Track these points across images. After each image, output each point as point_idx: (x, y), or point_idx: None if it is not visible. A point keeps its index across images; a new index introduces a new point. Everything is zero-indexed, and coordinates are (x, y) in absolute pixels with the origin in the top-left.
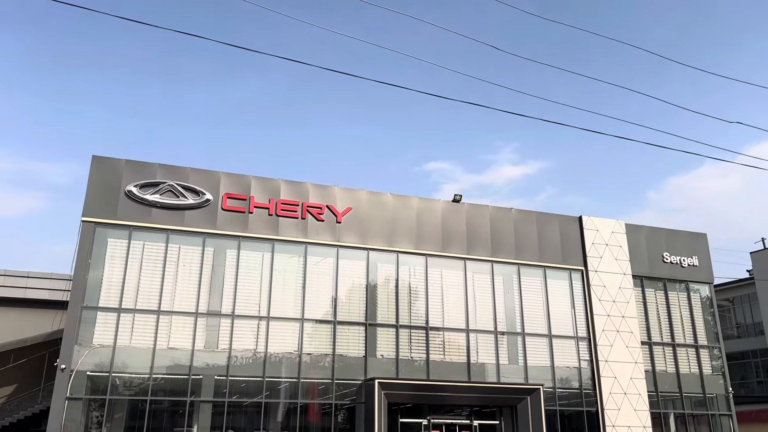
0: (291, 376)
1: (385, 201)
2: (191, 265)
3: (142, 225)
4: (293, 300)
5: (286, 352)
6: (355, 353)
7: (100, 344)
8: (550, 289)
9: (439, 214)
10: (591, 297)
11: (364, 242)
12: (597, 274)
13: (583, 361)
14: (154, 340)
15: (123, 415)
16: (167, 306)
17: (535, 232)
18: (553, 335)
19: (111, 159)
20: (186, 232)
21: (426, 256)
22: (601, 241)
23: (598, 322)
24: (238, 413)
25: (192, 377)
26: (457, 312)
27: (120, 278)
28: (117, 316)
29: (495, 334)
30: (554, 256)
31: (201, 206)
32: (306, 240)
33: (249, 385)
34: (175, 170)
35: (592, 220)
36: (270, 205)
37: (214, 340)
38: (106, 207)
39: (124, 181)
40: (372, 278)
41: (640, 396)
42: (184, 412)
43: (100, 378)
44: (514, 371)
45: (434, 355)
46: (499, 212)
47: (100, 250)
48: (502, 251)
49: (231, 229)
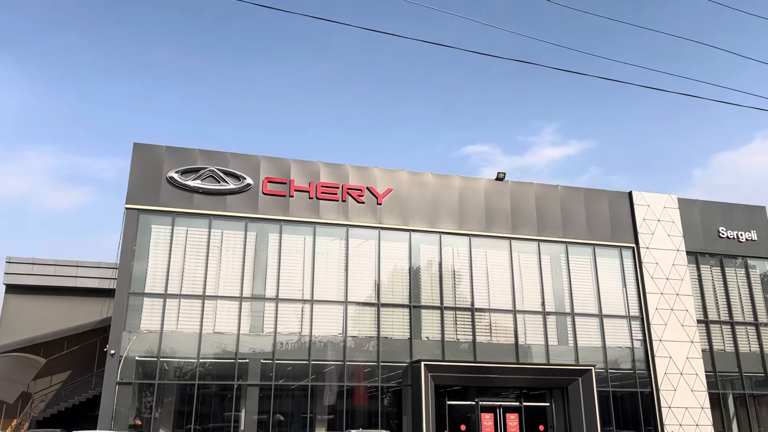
0: (336, 360)
1: (426, 181)
2: (234, 249)
3: (184, 211)
4: (336, 283)
5: (331, 335)
6: (400, 336)
7: (148, 330)
8: (600, 268)
9: (482, 193)
10: (643, 275)
11: (406, 223)
12: (649, 251)
13: (635, 340)
14: (200, 325)
15: (172, 399)
16: (212, 291)
17: (582, 209)
18: (604, 315)
19: (152, 146)
20: (228, 217)
21: (469, 236)
22: (652, 217)
23: (651, 300)
24: (285, 397)
25: (238, 361)
26: (503, 293)
27: (165, 264)
28: (163, 302)
29: (543, 314)
30: (603, 233)
31: (242, 191)
32: (347, 222)
33: (295, 369)
34: (215, 155)
35: (642, 195)
36: (310, 188)
37: (259, 324)
38: (149, 194)
39: (166, 167)
40: (414, 260)
41: (697, 376)
42: (231, 396)
43: (149, 363)
44: (563, 352)
45: (481, 337)
46: (545, 189)
47: (145, 236)
48: (548, 230)
49: (272, 213)
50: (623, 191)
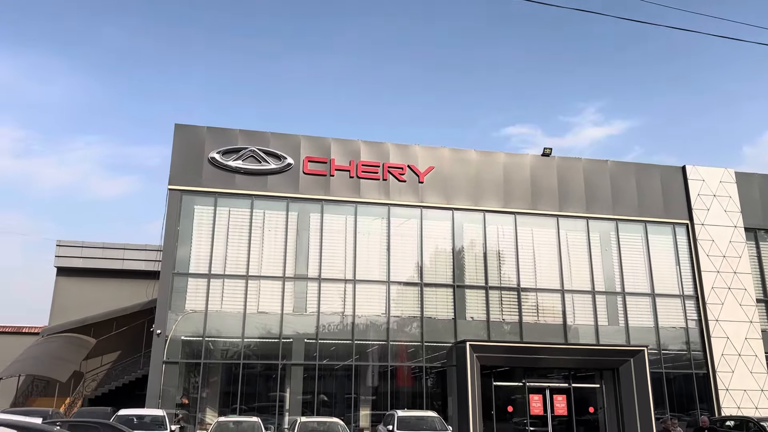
0: (380, 339)
1: (469, 158)
2: (276, 229)
3: (226, 191)
4: (378, 262)
5: (374, 315)
6: (444, 315)
7: (193, 310)
8: (652, 245)
9: (528, 169)
10: (698, 252)
11: (449, 202)
12: (704, 228)
13: (690, 320)
14: (243, 305)
15: (218, 379)
16: (255, 271)
17: (633, 185)
18: (657, 294)
19: (193, 127)
20: (269, 197)
21: (515, 214)
22: (708, 192)
23: (707, 279)
24: (329, 377)
25: (282, 341)
26: (550, 272)
27: (208, 244)
28: (207, 282)
29: (593, 294)
30: (656, 209)
31: (283, 171)
32: (388, 201)
33: (338, 349)
34: (255, 135)
35: (697, 169)
36: (351, 167)
37: (302, 303)
38: (191, 174)
39: (207, 148)
40: (458, 239)
41: (756, 357)
42: (276, 376)
43: (194, 343)
44: (613, 333)
45: (527, 317)
46: (594, 165)
47: (188, 217)
48: (597, 206)
49: (313, 193)
50: (677, 165)
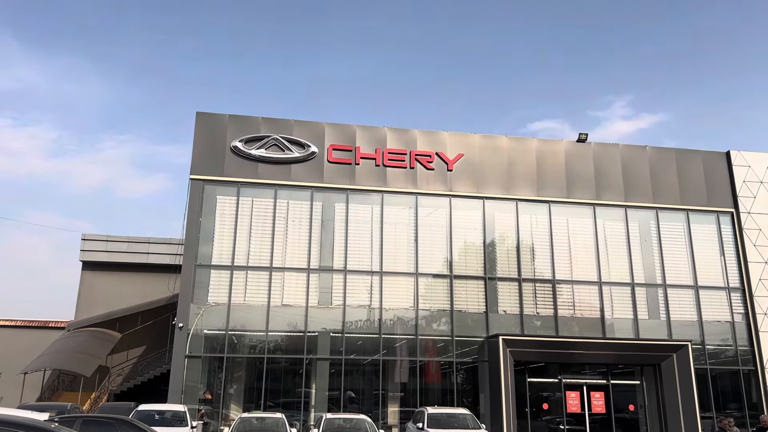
0: (408, 333)
1: (500, 145)
2: (300, 219)
3: (249, 181)
4: (406, 254)
5: (401, 309)
6: (475, 309)
7: (215, 302)
8: (695, 235)
9: (562, 156)
10: (744, 242)
11: (479, 190)
12: (750, 216)
13: (736, 314)
14: (267, 297)
15: (242, 373)
16: (279, 262)
17: (674, 172)
18: (700, 286)
19: (215, 115)
20: (293, 186)
21: (549, 203)
22: (754, 179)
23: (754, 270)
24: (356, 373)
25: (307, 335)
26: (587, 263)
27: (230, 235)
28: (230, 274)
29: (632, 286)
30: (698, 197)
31: (307, 159)
32: (416, 190)
33: (365, 343)
34: (278, 123)
35: (742, 155)
36: (377, 155)
37: (327, 296)
38: (213, 164)
39: (229, 136)
40: (489, 229)
41: None
42: (301, 371)
43: (218, 336)
44: (654, 327)
45: (562, 311)
46: (632, 151)
47: (210, 207)
48: (636, 195)
49: (338, 182)
50: (720, 151)
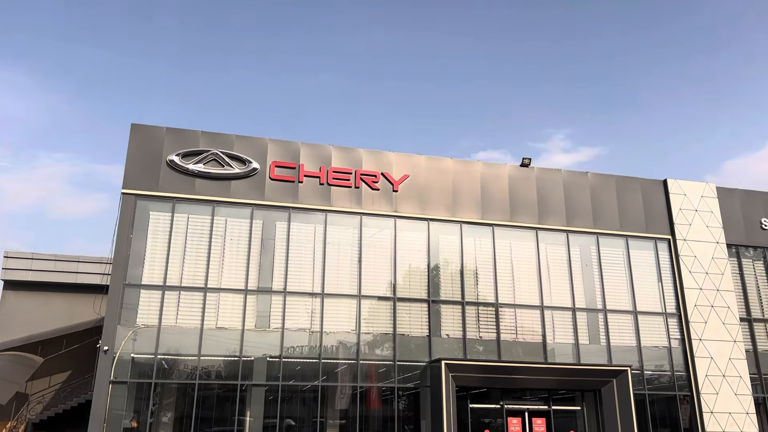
0: (349, 358)
1: (446, 167)
2: (239, 238)
3: (185, 197)
4: (349, 276)
5: (343, 332)
6: (418, 333)
7: (145, 324)
8: (634, 261)
9: (506, 180)
10: (680, 269)
11: (424, 212)
12: (686, 243)
13: (673, 340)
14: (201, 320)
15: (172, 400)
16: (214, 283)
17: (614, 198)
18: (639, 312)
19: (151, 127)
20: (232, 203)
21: (492, 226)
22: (689, 207)
23: (690, 296)
24: (293, 400)
25: (243, 359)
26: (529, 287)
27: (164, 254)
28: (161, 294)
29: (573, 311)
30: (637, 224)
31: (248, 176)
32: (360, 210)
33: (304, 368)
34: (218, 137)
35: (678, 183)
36: (321, 174)
37: (265, 319)
38: (147, 178)
39: (166, 150)
40: (434, 251)
41: (741, 379)
42: (235, 397)
43: (146, 361)
44: (595, 352)
45: (505, 335)
46: (574, 177)
47: (142, 224)
48: (577, 220)
49: (280, 200)
50: (658, 179)
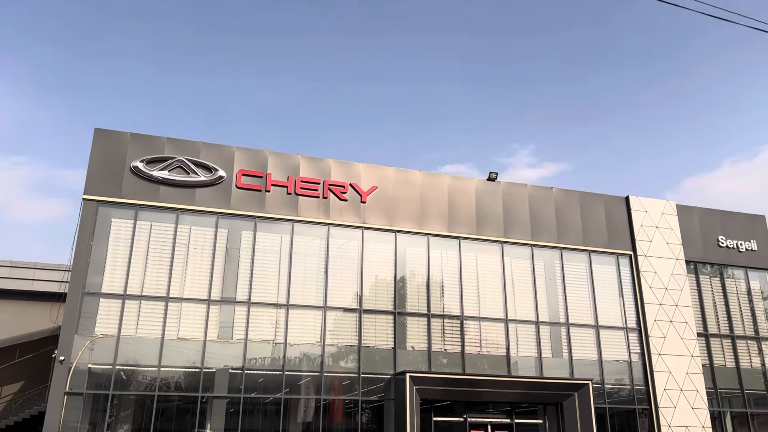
0: (313, 370)
1: (414, 179)
2: (203, 247)
3: (149, 204)
4: (315, 287)
5: (308, 344)
6: (383, 345)
7: (103, 334)
8: (596, 275)
9: (473, 193)
10: (641, 284)
11: (392, 224)
12: (647, 259)
13: (633, 354)
14: (162, 330)
15: (130, 412)
16: (177, 292)
17: (578, 214)
18: (601, 326)
19: (115, 132)
20: (197, 211)
21: (459, 239)
22: (650, 224)
23: (650, 311)
24: (255, 412)
25: (204, 370)
26: (494, 300)
27: (125, 262)
28: (122, 303)
29: (536, 324)
30: (600, 239)
31: (213, 184)
32: (328, 221)
33: (267, 380)
34: (184, 144)
35: (640, 200)
36: (288, 183)
37: (228, 330)
38: (110, 184)
39: (130, 156)
40: (401, 263)
41: (697, 393)
42: (195, 410)
43: (103, 371)
44: (557, 365)
45: (470, 348)
46: (539, 192)
47: (103, 231)
48: (542, 234)
49: (246, 209)
50: (620, 196)
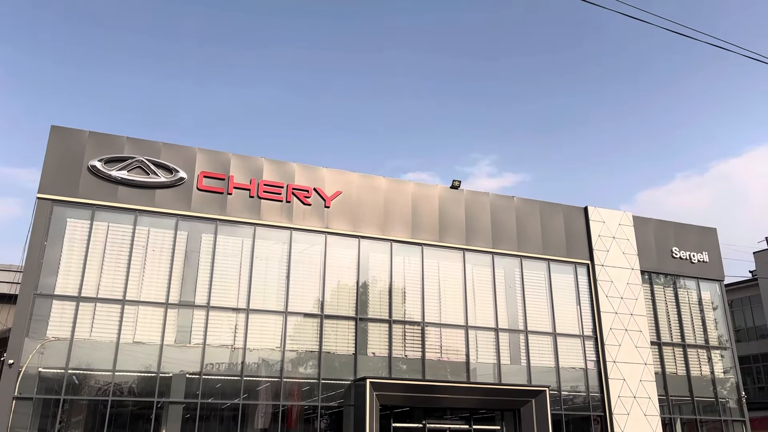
0: (272, 376)
1: (378, 185)
2: (162, 250)
3: (106, 204)
4: (276, 291)
5: (268, 349)
6: (344, 351)
7: (55, 337)
8: (555, 284)
9: (437, 201)
10: (598, 293)
11: (355, 229)
12: (604, 269)
13: (589, 362)
14: (117, 334)
15: (81, 418)
16: (133, 295)
17: (538, 223)
18: (558, 333)
19: (72, 130)
20: (156, 213)
21: (422, 245)
22: (607, 234)
23: (606, 319)
24: (213, 418)
25: (160, 375)
26: (455, 307)
27: (80, 263)
28: (76, 306)
29: (496, 331)
30: (559, 248)
31: (174, 185)
32: (291, 225)
33: (225, 386)
34: (144, 144)
35: (598, 211)
36: (251, 186)
37: (186, 334)
38: (66, 183)
39: (87, 155)
40: (363, 269)
41: (650, 400)
42: (150, 416)
43: (54, 375)
44: (516, 372)
45: (430, 354)
46: (501, 200)
47: (58, 231)
48: (503, 242)
49: (207, 212)
50: (579, 206)
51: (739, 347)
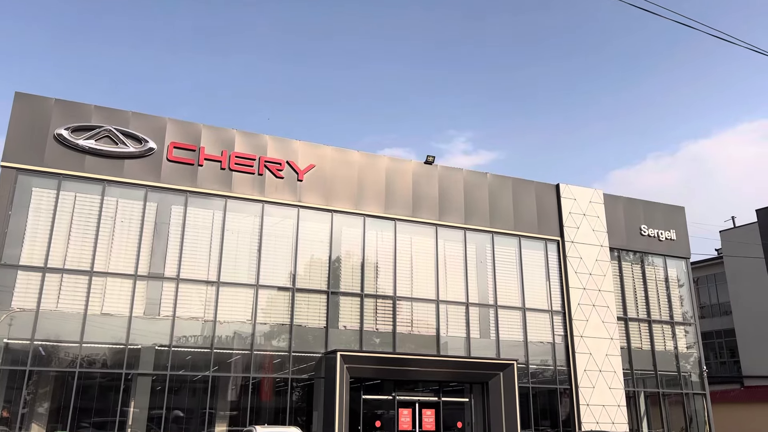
0: (243, 349)
1: (352, 159)
2: (131, 221)
3: (73, 174)
4: (247, 264)
5: (239, 322)
6: (316, 324)
7: (21, 308)
8: (525, 260)
9: (410, 176)
10: (567, 269)
11: (328, 203)
12: (574, 245)
13: (557, 336)
14: (85, 305)
15: (48, 390)
16: (102, 266)
17: (510, 199)
18: (527, 308)
19: (38, 97)
20: (125, 183)
21: (395, 220)
22: (578, 211)
23: (574, 295)
24: (182, 390)
25: (129, 347)
26: (426, 281)
27: (46, 233)
28: (42, 277)
29: (466, 305)
30: (530, 224)
31: (143, 155)
32: (263, 198)
33: (195, 358)
34: (113, 113)
35: (570, 188)
36: (222, 158)
37: (155, 306)
38: (31, 151)
39: (54, 123)
40: (336, 243)
41: (615, 374)
42: (119, 387)
43: (21, 347)
44: (485, 346)
45: (401, 328)
46: (474, 176)
47: (23, 200)
48: (475, 218)
49: (177, 183)
50: (551, 183)
51: (702, 323)
